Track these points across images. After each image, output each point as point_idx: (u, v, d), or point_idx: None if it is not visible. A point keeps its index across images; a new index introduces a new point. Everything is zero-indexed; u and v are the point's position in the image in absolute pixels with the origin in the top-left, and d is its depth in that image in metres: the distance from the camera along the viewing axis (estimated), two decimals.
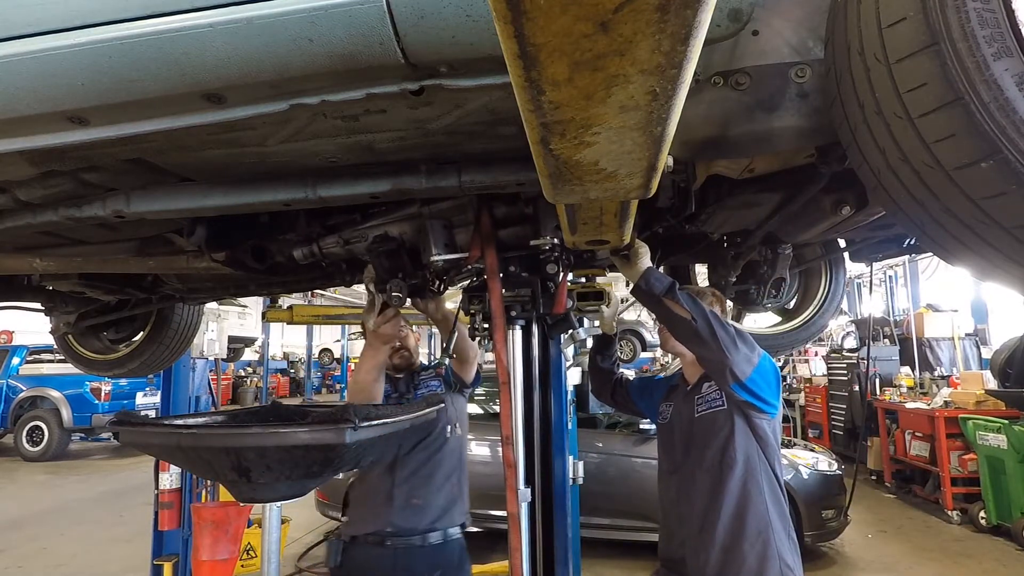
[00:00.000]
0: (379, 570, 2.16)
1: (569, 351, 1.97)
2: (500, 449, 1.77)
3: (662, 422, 2.10)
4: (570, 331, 1.87)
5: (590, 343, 2.00)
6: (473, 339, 1.90)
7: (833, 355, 9.84)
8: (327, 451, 1.24)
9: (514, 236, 1.77)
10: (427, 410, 1.62)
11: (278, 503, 1.36)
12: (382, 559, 2.16)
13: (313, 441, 1.20)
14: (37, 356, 11.43)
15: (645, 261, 1.81)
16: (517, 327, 1.80)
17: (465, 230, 1.76)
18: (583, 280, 2.19)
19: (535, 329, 1.99)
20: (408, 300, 1.87)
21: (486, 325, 1.70)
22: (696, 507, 1.85)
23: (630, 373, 2.54)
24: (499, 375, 1.65)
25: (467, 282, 2.02)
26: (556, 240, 1.61)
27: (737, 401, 1.80)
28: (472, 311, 1.76)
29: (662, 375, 2.58)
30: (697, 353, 1.89)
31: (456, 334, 2.06)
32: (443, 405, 1.95)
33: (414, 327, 2.38)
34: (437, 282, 2.00)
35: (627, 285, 1.86)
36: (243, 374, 21.18)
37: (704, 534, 1.81)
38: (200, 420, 1.54)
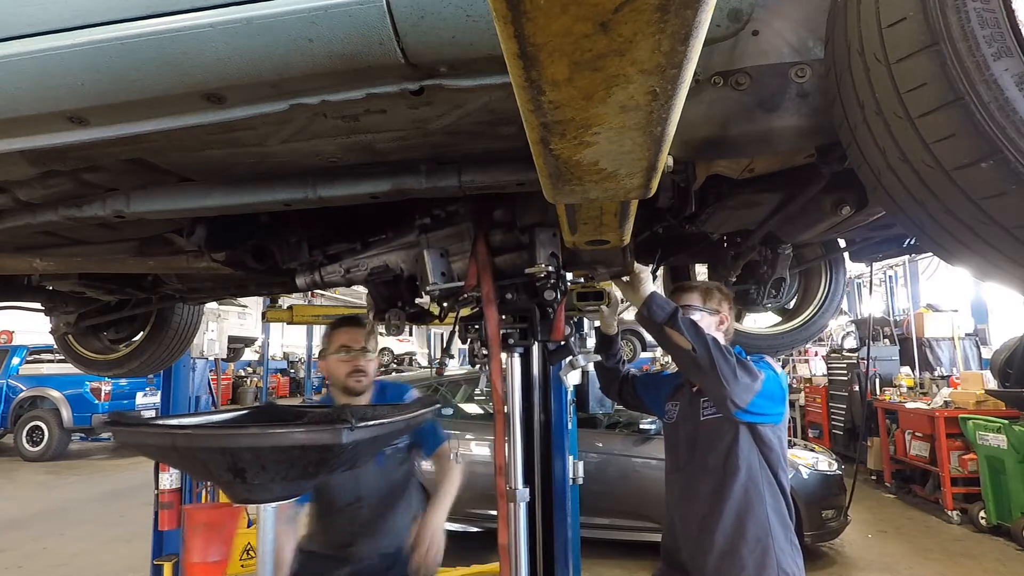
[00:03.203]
0: (334, 570, 2.19)
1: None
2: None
3: (668, 421, 2.10)
4: (569, 358, 1.86)
5: (592, 355, 2.00)
6: (473, 365, 1.90)
7: (833, 355, 9.85)
8: (323, 451, 1.24)
9: (511, 263, 1.77)
10: (422, 411, 1.62)
11: (273, 504, 1.35)
12: (335, 563, 2.19)
13: (309, 441, 1.20)
14: (37, 356, 11.43)
15: (648, 287, 1.82)
16: (515, 354, 1.80)
17: (462, 258, 1.76)
18: (583, 280, 2.19)
19: (534, 355, 2.00)
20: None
21: (484, 351, 1.70)
22: (697, 509, 1.85)
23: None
24: (494, 403, 1.66)
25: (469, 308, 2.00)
26: (552, 268, 1.62)
27: (739, 419, 1.81)
28: (469, 338, 1.76)
29: (668, 371, 2.59)
30: (696, 382, 1.90)
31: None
32: (438, 406, 1.96)
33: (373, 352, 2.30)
34: (439, 308, 1.97)
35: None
36: (243, 374, 21.17)
37: (704, 537, 1.81)
38: (196, 420, 1.53)
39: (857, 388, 8.50)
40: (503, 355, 1.75)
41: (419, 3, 0.90)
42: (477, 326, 1.72)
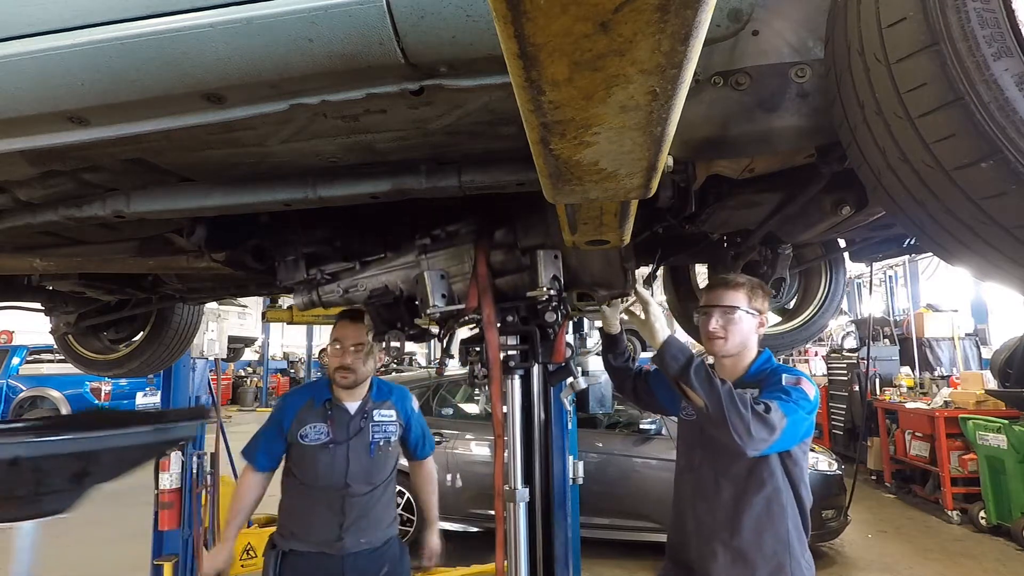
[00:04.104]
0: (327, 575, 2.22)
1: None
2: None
3: (686, 417, 1.99)
4: (570, 379, 1.84)
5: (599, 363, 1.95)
6: (473, 387, 1.91)
7: (833, 355, 9.85)
8: (169, 446, 1.16)
9: (512, 285, 1.76)
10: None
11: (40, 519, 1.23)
12: (329, 566, 2.22)
13: (158, 439, 1.11)
14: (37, 356, 11.42)
15: (662, 333, 1.76)
16: (516, 376, 1.79)
17: (462, 280, 1.75)
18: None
19: (535, 377, 2.00)
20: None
21: (484, 372, 1.68)
22: (715, 514, 1.79)
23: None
24: (494, 428, 1.66)
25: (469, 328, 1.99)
26: (553, 291, 1.61)
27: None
28: (470, 360, 1.75)
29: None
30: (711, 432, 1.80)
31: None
32: (203, 420, 2.02)
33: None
34: (440, 330, 1.95)
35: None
36: (243, 374, 21.17)
37: (717, 542, 1.77)
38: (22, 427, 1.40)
39: (857, 388, 8.50)
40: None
41: (419, 3, 0.90)
42: (478, 349, 1.70)
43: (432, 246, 1.79)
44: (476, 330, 1.73)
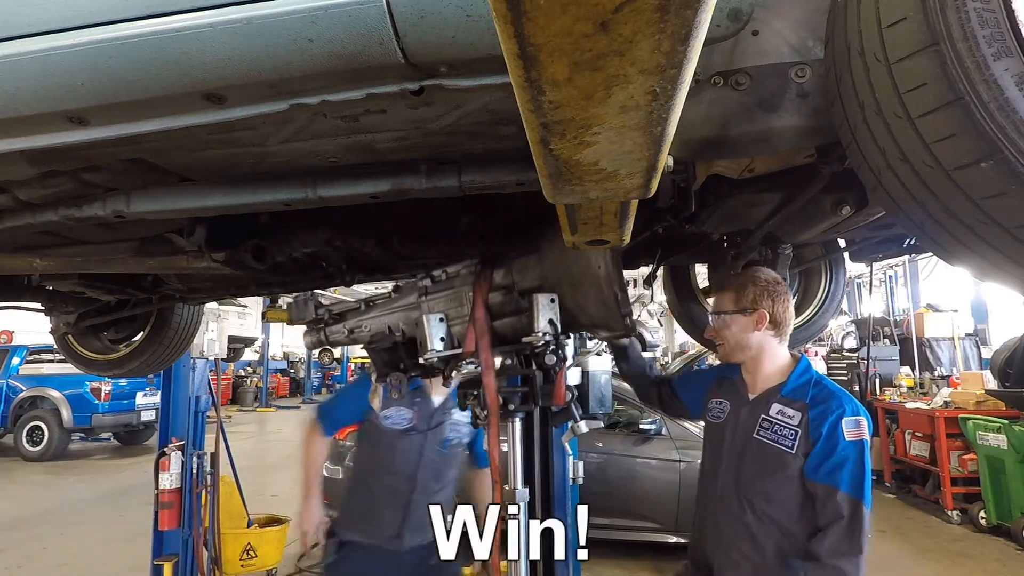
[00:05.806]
0: (376, 571, 2.25)
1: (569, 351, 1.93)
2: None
3: (713, 420, 1.90)
4: (571, 423, 1.83)
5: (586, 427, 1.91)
6: (475, 427, 1.94)
7: (833, 355, 9.85)
8: None
9: (510, 328, 1.76)
10: None
11: None
12: (387, 560, 2.24)
13: None
14: (37, 356, 11.43)
15: None
16: (516, 420, 1.78)
17: (462, 322, 1.75)
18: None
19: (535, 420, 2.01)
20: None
21: (486, 413, 1.67)
22: (736, 540, 1.71)
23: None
24: (492, 473, 1.66)
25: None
26: (549, 336, 1.61)
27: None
28: (468, 403, 1.75)
29: (705, 364, 2.52)
30: None
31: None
32: None
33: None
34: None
35: None
36: (243, 374, 21.18)
37: (738, 553, 1.70)
38: None
39: (857, 388, 8.50)
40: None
41: (419, 3, 0.90)
42: (476, 392, 1.69)
43: (432, 288, 1.82)
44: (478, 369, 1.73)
